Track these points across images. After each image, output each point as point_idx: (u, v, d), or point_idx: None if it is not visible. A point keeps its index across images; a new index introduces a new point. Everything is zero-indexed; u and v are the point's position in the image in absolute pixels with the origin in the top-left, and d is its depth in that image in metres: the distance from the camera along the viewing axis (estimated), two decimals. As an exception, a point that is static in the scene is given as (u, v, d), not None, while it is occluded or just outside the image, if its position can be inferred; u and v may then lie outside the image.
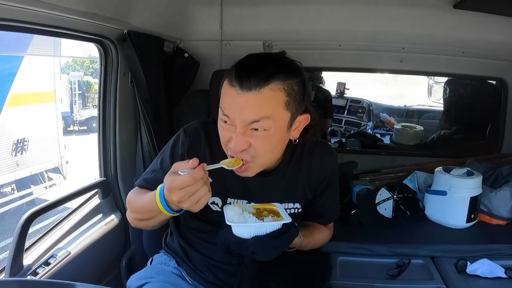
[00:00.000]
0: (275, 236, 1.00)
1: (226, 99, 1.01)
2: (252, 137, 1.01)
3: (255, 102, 0.97)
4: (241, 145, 1.01)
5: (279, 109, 1.01)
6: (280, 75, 0.99)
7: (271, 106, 0.99)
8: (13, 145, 6.32)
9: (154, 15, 1.70)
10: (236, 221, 1.00)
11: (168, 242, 1.34)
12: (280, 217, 1.03)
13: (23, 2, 1.04)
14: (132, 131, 1.78)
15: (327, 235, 1.33)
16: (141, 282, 1.22)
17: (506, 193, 1.87)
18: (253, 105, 0.98)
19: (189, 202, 0.93)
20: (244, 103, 0.98)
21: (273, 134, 1.02)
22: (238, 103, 0.98)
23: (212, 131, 1.14)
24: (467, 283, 1.46)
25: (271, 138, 1.02)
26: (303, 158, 1.21)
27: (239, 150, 1.01)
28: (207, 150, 1.16)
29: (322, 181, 1.24)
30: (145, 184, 1.19)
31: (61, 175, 7.25)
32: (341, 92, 4.11)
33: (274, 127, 1.01)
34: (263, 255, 1.01)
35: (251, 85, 0.97)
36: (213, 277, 1.22)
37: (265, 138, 1.01)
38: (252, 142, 1.01)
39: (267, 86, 0.97)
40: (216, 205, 1.16)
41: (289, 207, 1.20)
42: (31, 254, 1.37)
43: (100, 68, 1.67)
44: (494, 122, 2.53)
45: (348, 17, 1.99)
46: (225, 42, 2.09)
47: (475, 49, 2.06)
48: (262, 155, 1.04)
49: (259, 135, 1.01)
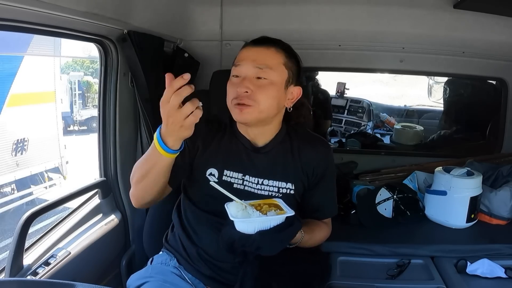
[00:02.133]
0: (279, 230, 1.01)
1: (239, 55, 1.23)
2: (255, 84, 1.17)
3: (263, 53, 1.20)
4: (246, 88, 1.16)
5: (280, 66, 1.20)
6: (284, 47, 1.23)
7: (274, 60, 1.20)
8: (13, 145, 6.32)
9: (154, 15, 1.70)
10: (240, 217, 1.00)
11: (169, 239, 1.35)
12: (282, 211, 1.04)
13: (23, 2, 1.05)
14: (132, 131, 1.78)
15: (326, 233, 1.33)
16: (140, 281, 1.23)
17: (506, 193, 1.87)
18: (261, 55, 1.19)
19: (177, 116, 0.97)
20: (254, 53, 1.20)
21: (273, 85, 1.18)
22: (249, 53, 1.21)
23: (213, 121, 1.30)
24: (467, 283, 1.46)
25: (270, 87, 1.18)
26: (298, 142, 1.28)
27: (243, 91, 1.16)
28: (206, 131, 1.26)
29: (317, 169, 1.27)
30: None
31: (61, 175, 7.25)
32: (341, 92, 4.11)
33: (274, 78, 1.18)
34: (269, 250, 1.01)
35: (261, 43, 1.22)
36: (209, 271, 1.23)
37: (266, 86, 1.18)
38: (254, 88, 1.17)
39: (273, 46, 1.21)
40: (213, 176, 1.23)
41: (282, 186, 1.24)
42: (31, 254, 1.37)
43: (100, 68, 1.67)
44: (494, 122, 2.53)
45: (348, 17, 1.99)
46: (225, 42, 2.09)
47: (475, 49, 2.06)
48: (263, 101, 1.17)
49: (261, 83, 1.18)
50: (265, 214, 1.02)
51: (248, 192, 1.22)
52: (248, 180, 1.23)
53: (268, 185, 1.23)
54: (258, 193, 1.23)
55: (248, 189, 1.23)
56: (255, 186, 1.23)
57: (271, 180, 1.23)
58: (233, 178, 1.23)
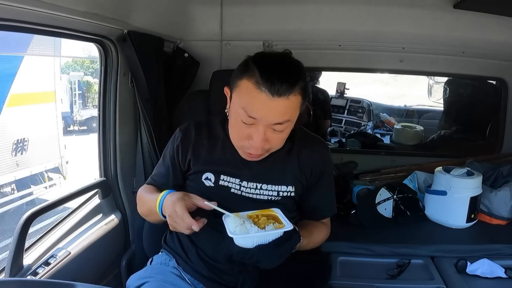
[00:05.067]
0: (278, 244, 1.01)
1: (253, 103, 1.05)
2: (270, 134, 1.10)
3: (284, 107, 1.05)
4: (263, 142, 1.10)
5: (297, 111, 1.11)
6: (300, 81, 1.06)
7: (293, 110, 1.09)
8: (13, 145, 6.32)
9: (154, 15, 1.70)
10: (238, 232, 1.00)
11: (168, 240, 1.35)
12: (281, 224, 1.03)
13: (23, 2, 1.05)
14: (132, 131, 1.78)
15: (325, 233, 1.33)
16: (140, 281, 1.23)
17: (506, 193, 1.87)
18: (282, 110, 1.06)
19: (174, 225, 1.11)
20: (274, 107, 1.05)
21: (287, 131, 1.13)
22: (267, 107, 1.05)
23: (202, 125, 1.28)
24: (467, 283, 1.46)
25: (285, 134, 1.14)
26: (296, 143, 1.26)
27: (261, 146, 1.11)
28: (195, 139, 1.27)
29: (315, 170, 1.26)
30: (151, 181, 1.33)
31: (61, 175, 7.25)
32: (341, 92, 4.12)
33: (290, 126, 1.12)
34: (267, 264, 1.02)
35: (281, 92, 1.03)
36: (209, 272, 1.23)
37: (281, 135, 1.12)
38: (270, 138, 1.11)
39: (292, 92, 1.05)
40: (209, 181, 1.23)
41: (281, 189, 1.23)
42: (31, 254, 1.37)
43: (100, 68, 1.67)
44: (494, 122, 2.53)
45: (348, 17, 1.99)
46: (225, 42, 2.09)
47: (475, 49, 2.06)
48: (275, 148, 1.16)
49: (276, 133, 1.10)
50: (263, 229, 1.02)
51: (245, 197, 1.21)
52: (245, 186, 1.21)
53: (267, 190, 1.22)
54: (256, 198, 1.21)
55: (246, 194, 1.21)
56: (253, 191, 1.21)
57: (269, 184, 1.22)
58: (230, 183, 1.22)
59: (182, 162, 1.26)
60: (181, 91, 2.03)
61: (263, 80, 1.03)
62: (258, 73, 1.04)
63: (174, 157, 1.27)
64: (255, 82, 1.04)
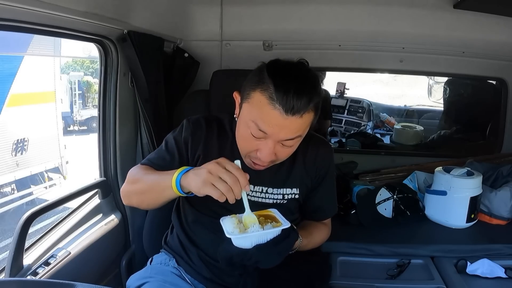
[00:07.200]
0: (276, 243, 1.00)
1: (265, 119, 1.02)
2: (279, 148, 1.08)
3: (297, 124, 1.04)
4: (272, 156, 1.08)
5: (309, 127, 1.09)
6: (315, 97, 1.03)
7: (305, 127, 1.07)
8: (13, 145, 6.32)
9: (154, 15, 1.70)
10: (235, 233, 0.99)
11: (168, 240, 1.35)
12: (278, 223, 1.03)
13: (23, 2, 1.04)
14: (132, 131, 1.78)
15: (326, 234, 1.33)
16: (140, 281, 1.23)
17: (506, 193, 1.87)
18: (294, 128, 1.04)
19: (210, 179, 0.96)
20: (287, 125, 1.03)
21: (297, 145, 1.12)
22: (279, 124, 1.02)
23: (212, 122, 1.25)
24: (467, 283, 1.46)
25: (294, 148, 1.13)
26: (301, 144, 1.22)
27: (269, 160, 1.09)
28: (206, 136, 1.23)
29: (320, 170, 1.26)
30: (149, 163, 1.23)
31: (61, 175, 7.25)
32: (341, 92, 4.12)
33: (300, 140, 1.11)
34: (267, 263, 1.01)
35: (295, 111, 1.00)
36: (209, 273, 1.23)
37: (290, 149, 1.11)
38: (278, 152, 1.09)
39: (307, 111, 1.03)
40: None
41: (287, 192, 1.23)
42: (31, 254, 1.37)
43: (100, 68, 1.66)
44: (494, 122, 2.53)
45: (348, 17, 1.99)
46: (225, 42, 2.09)
47: (475, 49, 2.06)
48: (282, 160, 1.14)
49: (285, 147, 1.09)
50: (262, 228, 1.01)
51: (252, 201, 1.18)
52: (251, 189, 1.20)
53: (273, 193, 1.22)
54: (263, 202, 1.21)
55: (252, 198, 1.21)
56: (259, 195, 1.21)
57: (275, 188, 1.22)
58: None
59: (191, 155, 1.22)
60: (181, 91, 2.03)
61: (278, 96, 0.99)
62: (272, 88, 1.00)
63: (182, 147, 1.22)
64: (269, 98, 1.00)
